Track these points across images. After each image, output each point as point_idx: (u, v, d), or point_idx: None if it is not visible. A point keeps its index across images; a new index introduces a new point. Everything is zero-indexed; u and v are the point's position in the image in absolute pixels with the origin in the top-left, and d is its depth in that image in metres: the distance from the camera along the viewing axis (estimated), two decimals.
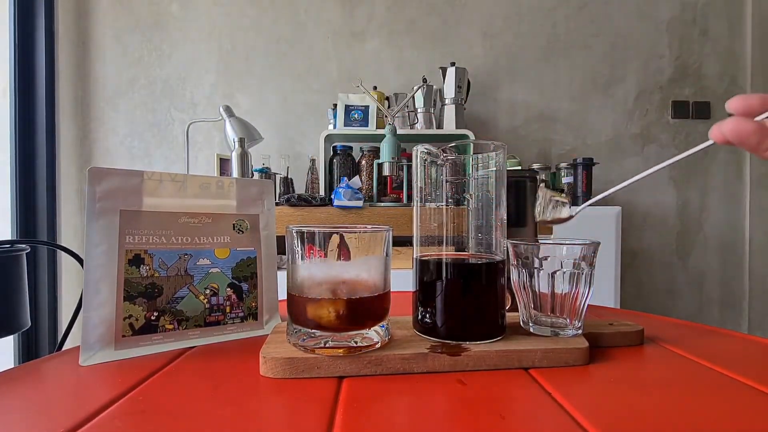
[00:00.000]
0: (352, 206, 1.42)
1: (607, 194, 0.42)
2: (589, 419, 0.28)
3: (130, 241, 0.42)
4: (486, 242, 0.42)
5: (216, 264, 0.47)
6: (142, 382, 0.35)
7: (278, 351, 0.37)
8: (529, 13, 1.92)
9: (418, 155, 0.43)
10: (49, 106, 1.70)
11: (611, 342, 0.43)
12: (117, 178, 0.42)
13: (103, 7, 1.86)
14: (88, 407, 0.30)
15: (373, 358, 0.36)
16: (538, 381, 0.35)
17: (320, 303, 0.36)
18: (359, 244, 0.37)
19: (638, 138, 1.99)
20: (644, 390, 0.33)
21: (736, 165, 2.00)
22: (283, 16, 1.91)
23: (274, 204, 0.54)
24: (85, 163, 1.86)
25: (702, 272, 2.01)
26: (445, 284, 0.40)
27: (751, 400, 0.32)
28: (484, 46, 1.95)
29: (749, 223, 2.00)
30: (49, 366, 0.40)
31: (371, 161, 1.65)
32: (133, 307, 0.42)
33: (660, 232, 1.99)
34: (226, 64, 1.90)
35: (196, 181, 0.47)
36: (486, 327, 0.40)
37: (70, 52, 1.82)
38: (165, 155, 1.89)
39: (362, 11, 1.92)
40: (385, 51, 1.93)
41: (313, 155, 1.79)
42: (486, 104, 1.96)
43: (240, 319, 0.48)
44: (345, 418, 0.29)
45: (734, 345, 0.45)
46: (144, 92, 1.88)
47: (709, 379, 0.35)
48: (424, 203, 0.43)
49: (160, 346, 0.43)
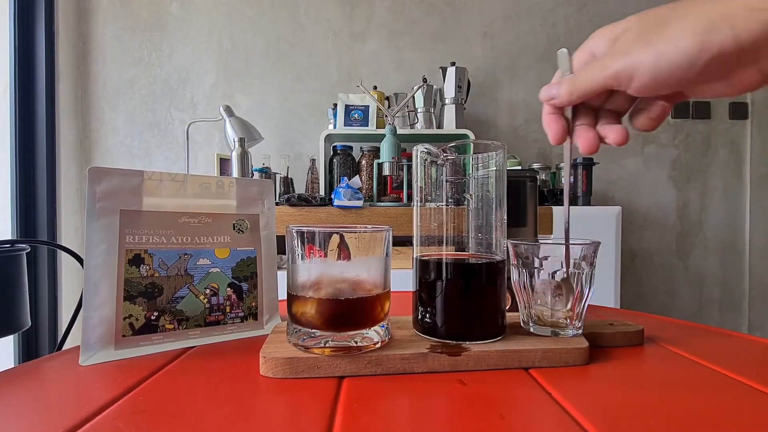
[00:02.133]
0: (352, 206, 1.42)
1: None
2: (589, 419, 0.28)
3: (130, 241, 0.42)
4: (486, 242, 0.42)
5: (216, 264, 0.47)
6: (142, 382, 0.35)
7: (278, 351, 0.37)
8: (529, 13, 1.92)
9: (418, 155, 0.43)
10: (49, 106, 1.69)
11: (611, 342, 0.43)
12: (117, 178, 0.42)
13: (103, 7, 1.86)
14: (88, 407, 0.30)
15: (373, 358, 0.36)
16: (538, 381, 0.35)
17: (320, 303, 0.36)
18: (359, 244, 0.37)
19: (638, 138, 1.99)
20: (644, 390, 0.33)
21: (736, 165, 2.00)
22: (283, 16, 1.91)
23: (274, 204, 0.54)
24: (85, 163, 1.86)
25: (702, 272, 2.01)
26: (445, 284, 0.40)
27: (751, 400, 0.32)
28: (484, 46, 1.95)
29: (749, 223, 2.00)
30: (49, 366, 0.40)
31: (371, 161, 1.65)
32: (133, 307, 0.42)
33: (660, 232, 1.99)
34: (226, 64, 1.90)
35: (196, 181, 0.47)
36: (486, 327, 0.40)
37: (70, 52, 1.82)
38: (165, 155, 1.89)
39: (362, 11, 1.92)
40: (385, 51, 1.93)
41: (313, 155, 1.79)
42: (486, 104, 1.96)
43: (240, 319, 0.48)
44: (345, 418, 0.29)
45: (734, 345, 0.45)
46: (144, 92, 1.88)
47: (709, 379, 0.35)
48: (424, 203, 0.43)
49: (160, 346, 0.43)
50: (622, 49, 0.30)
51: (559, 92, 0.33)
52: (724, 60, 0.26)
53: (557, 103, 0.34)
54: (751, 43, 0.25)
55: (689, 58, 0.27)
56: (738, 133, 1.99)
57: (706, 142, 1.97)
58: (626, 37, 0.30)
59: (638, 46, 0.29)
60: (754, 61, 0.26)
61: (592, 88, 0.31)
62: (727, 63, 0.26)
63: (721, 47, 0.26)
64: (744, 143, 2.00)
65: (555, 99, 0.34)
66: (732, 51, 0.26)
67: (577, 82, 0.32)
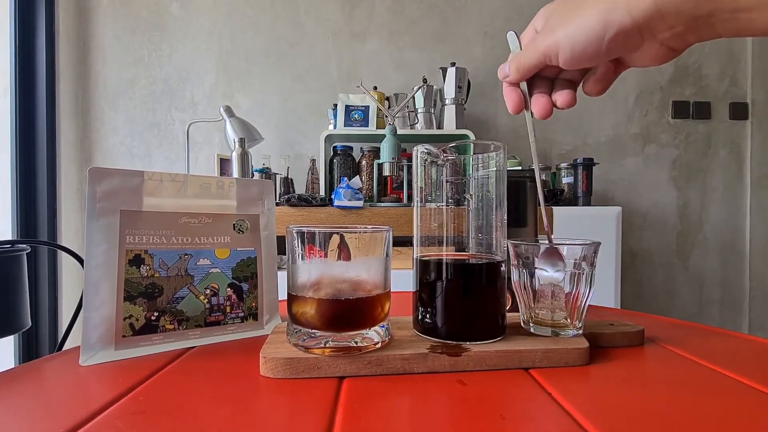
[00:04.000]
0: (352, 206, 1.42)
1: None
2: (589, 419, 0.28)
3: (130, 241, 0.42)
4: (486, 242, 0.42)
5: (216, 264, 0.47)
6: (142, 382, 0.35)
7: (278, 351, 0.37)
8: (529, 13, 1.92)
9: (418, 155, 0.43)
10: (49, 106, 1.69)
11: (611, 342, 0.43)
12: (117, 178, 0.42)
13: (103, 7, 1.86)
14: (88, 407, 0.30)
15: (373, 358, 0.36)
16: (538, 381, 0.35)
17: (320, 303, 0.36)
18: (359, 244, 0.37)
19: (638, 138, 1.99)
20: (644, 390, 0.33)
21: (736, 165, 2.00)
22: (283, 16, 1.91)
23: (275, 204, 0.54)
24: (86, 163, 1.86)
25: (702, 272, 2.01)
26: (445, 284, 0.40)
27: (751, 400, 0.32)
28: (484, 46, 1.95)
29: (749, 223, 2.00)
30: (49, 366, 0.40)
31: (371, 161, 1.65)
32: (133, 307, 0.42)
33: (660, 232, 1.99)
34: (226, 64, 1.90)
35: (197, 181, 0.47)
36: (486, 327, 0.40)
37: (70, 52, 1.82)
38: (165, 155, 1.89)
39: (362, 11, 1.92)
40: (385, 51, 1.93)
41: (313, 155, 1.79)
42: (486, 104, 1.96)
43: (240, 319, 0.48)
44: (345, 418, 0.29)
45: (734, 345, 0.45)
46: (144, 92, 1.88)
47: (709, 379, 0.35)
48: (425, 203, 0.43)
49: (161, 346, 0.43)
50: (549, 28, 0.35)
51: (510, 70, 0.40)
52: (627, 34, 0.31)
53: (509, 80, 0.40)
54: (645, 19, 0.30)
55: (597, 33, 0.32)
56: (738, 133, 1.99)
57: (707, 142, 1.97)
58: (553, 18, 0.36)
59: (559, 26, 0.34)
60: (653, 35, 0.31)
61: (532, 64, 0.37)
62: (631, 36, 0.31)
63: (621, 24, 0.31)
64: (744, 143, 2.00)
65: (507, 77, 0.40)
66: (631, 27, 0.31)
67: (521, 61, 0.38)
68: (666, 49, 0.32)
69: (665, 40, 0.31)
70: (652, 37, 0.31)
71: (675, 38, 0.31)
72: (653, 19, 0.30)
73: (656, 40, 0.31)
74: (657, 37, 0.31)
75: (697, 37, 0.30)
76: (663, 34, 0.31)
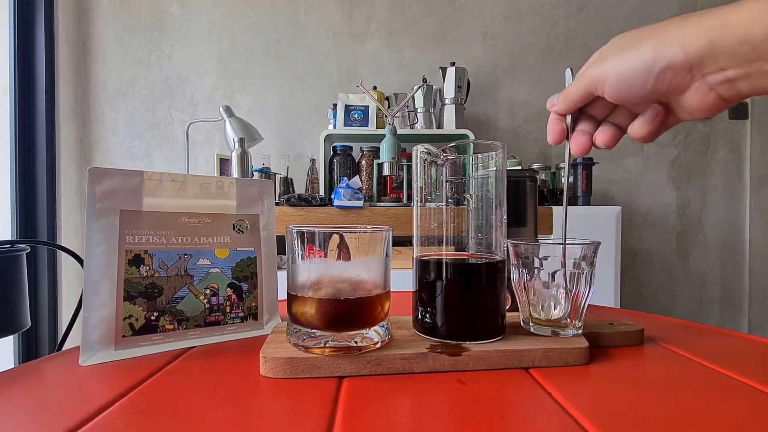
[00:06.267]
0: (352, 206, 1.42)
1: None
2: (589, 419, 0.28)
3: (130, 241, 0.42)
4: (486, 242, 0.42)
5: (216, 264, 0.47)
6: (142, 382, 0.35)
7: (278, 351, 0.37)
8: (529, 13, 1.92)
9: (418, 155, 0.43)
10: (49, 106, 1.69)
11: (611, 342, 0.43)
12: (117, 178, 0.42)
13: (103, 7, 1.86)
14: (88, 407, 0.30)
15: (373, 358, 0.36)
16: (538, 381, 0.35)
17: (320, 303, 0.36)
18: (359, 244, 0.37)
19: None
20: (644, 390, 0.33)
21: (736, 165, 2.00)
22: (283, 16, 1.91)
23: (274, 204, 0.54)
24: (85, 163, 1.86)
25: (702, 272, 2.01)
26: (445, 284, 0.40)
27: (751, 400, 0.32)
28: (484, 46, 1.95)
29: (749, 223, 2.00)
30: (49, 366, 0.40)
31: (371, 161, 1.65)
32: (133, 307, 0.42)
33: (660, 232, 1.99)
34: (226, 64, 1.90)
35: (196, 181, 0.47)
36: (486, 327, 0.40)
37: (70, 52, 1.82)
38: (165, 155, 1.89)
39: (362, 11, 1.92)
40: (385, 51, 1.93)
41: (313, 155, 1.79)
42: (486, 104, 1.96)
43: (240, 319, 0.48)
44: (345, 418, 0.29)
45: (734, 345, 0.45)
46: (144, 92, 1.88)
47: (709, 379, 0.36)
48: (424, 203, 0.43)
49: (160, 346, 0.43)
50: (601, 59, 0.35)
51: (558, 100, 0.40)
52: (676, 69, 0.31)
53: (556, 109, 0.40)
54: (697, 56, 0.29)
55: (646, 64, 0.32)
56: (738, 133, 1.99)
57: (706, 142, 1.97)
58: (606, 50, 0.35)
59: (611, 57, 0.34)
60: (702, 76, 0.30)
61: (579, 93, 0.37)
62: (679, 72, 0.31)
63: (672, 58, 0.30)
64: (744, 143, 2.00)
65: (554, 106, 0.40)
66: (681, 62, 0.30)
67: (569, 90, 0.38)
68: (715, 96, 0.31)
69: (715, 86, 0.30)
70: (701, 78, 0.30)
71: (726, 85, 0.30)
72: (705, 57, 0.29)
73: (706, 84, 0.31)
74: (707, 80, 0.30)
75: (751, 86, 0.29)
76: (713, 77, 0.30)
